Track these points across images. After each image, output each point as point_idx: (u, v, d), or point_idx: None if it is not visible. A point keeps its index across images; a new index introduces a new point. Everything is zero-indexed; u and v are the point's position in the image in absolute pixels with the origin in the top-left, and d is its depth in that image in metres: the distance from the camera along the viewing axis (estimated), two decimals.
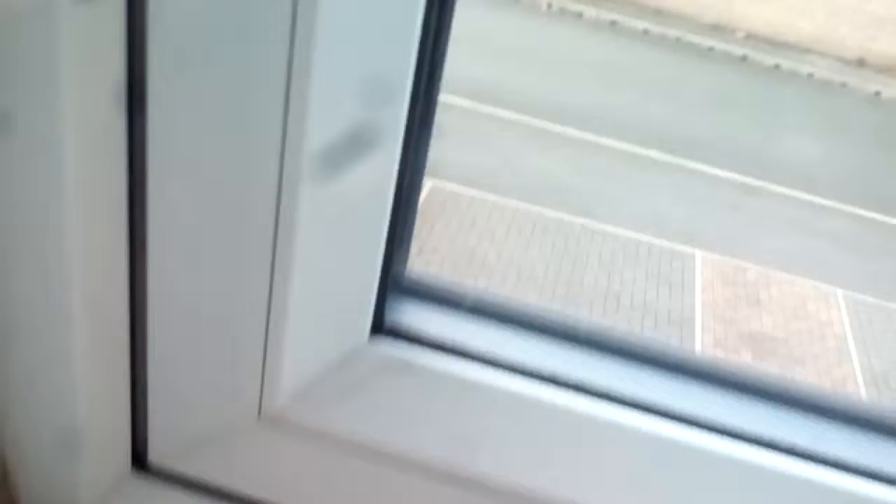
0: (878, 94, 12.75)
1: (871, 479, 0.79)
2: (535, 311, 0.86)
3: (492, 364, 0.82)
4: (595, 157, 9.69)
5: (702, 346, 7.59)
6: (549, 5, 13.03)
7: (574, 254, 8.38)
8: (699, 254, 8.65)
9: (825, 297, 8.52)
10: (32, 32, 0.53)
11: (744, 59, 12.91)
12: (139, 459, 0.79)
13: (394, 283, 0.81)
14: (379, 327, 0.82)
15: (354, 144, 0.66)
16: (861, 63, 13.15)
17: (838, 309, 8.40)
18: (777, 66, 12.85)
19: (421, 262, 7.74)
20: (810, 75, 12.86)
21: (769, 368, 7.23)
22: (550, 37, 12.28)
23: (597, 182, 9.34)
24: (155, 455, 0.79)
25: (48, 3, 0.52)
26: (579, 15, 12.99)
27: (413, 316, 0.84)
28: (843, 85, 12.79)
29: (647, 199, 9.28)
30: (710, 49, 12.97)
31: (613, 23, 12.99)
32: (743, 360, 7.17)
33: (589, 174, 9.42)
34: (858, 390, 7.44)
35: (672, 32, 13.03)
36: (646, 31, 13.01)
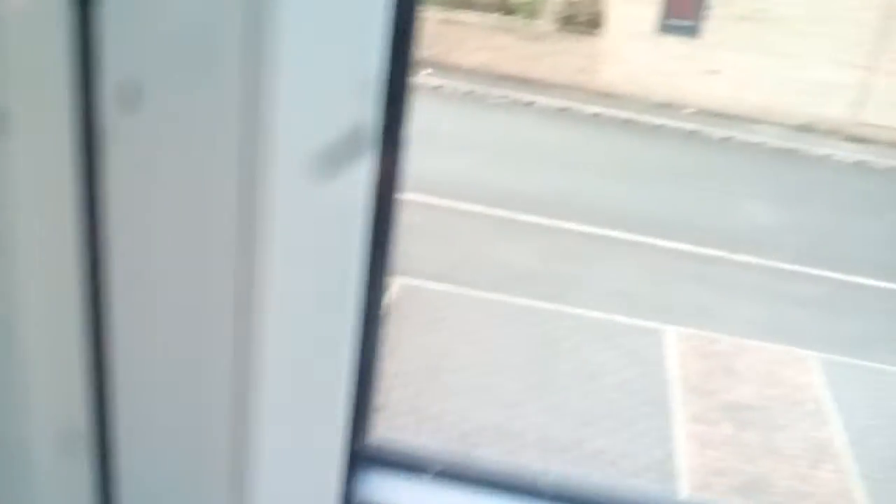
0: (828, 156, 13.05)
1: None
2: (500, 470, 0.87)
3: None
4: (558, 241, 9.80)
5: (683, 420, 7.59)
6: (502, 96, 13.31)
7: (547, 339, 8.40)
8: (670, 329, 8.69)
9: (799, 361, 8.57)
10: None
11: (693, 133, 13.20)
12: None
13: (358, 455, 0.81)
14: None
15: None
16: (808, 128, 13.49)
17: (813, 372, 8.44)
18: (727, 138, 13.14)
19: (394, 361, 7.73)
20: (760, 144, 13.15)
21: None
22: (504, 127, 12.52)
23: (561, 266, 9.43)
24: None
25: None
26: (530, 104, 13.27)
27: (380, 489, 0.84)
28: (793, 151, 13.08)
29: (613, 279, 9.36)
30: (661, 127, 13.26)
31: (564, 109, 13.27)
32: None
33: (553, 259, 9.51)
34: (842, 451, 7.44)
35: (622, 114, 13.32)
36: (596, 115, 13.30)
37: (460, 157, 11.01)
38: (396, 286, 8.76)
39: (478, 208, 10.12)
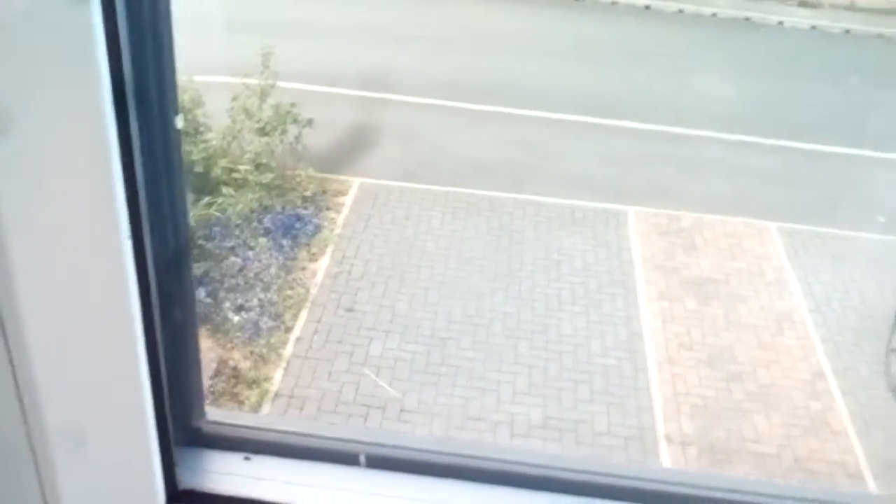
0: (781, 23, 12.96)
1: None
2: (330, 439, 0.88)
3: None
4: (519, 129, 9.74)
5: (647, 298, 7.71)
6: None
7: (509, 229, 8.44)
8: (631, 210, 8.76)
9: (759, 232, 8.67)
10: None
11: (647, 8, 13.03)
12: None
13: (184, 438, 0.80)
14: (174, 492, 0.81)
15: None
16: None
17: (773, 242, 8.56)
18: (681, 11, 12.99)
19: (359, 263, 7.77)
20: (714, 15, 13.02)
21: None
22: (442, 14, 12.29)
23: (523, 156, 9.40)
24: None
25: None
26: None
27: (207, 473, 0.83)
28: (747, 20, 12.98)
29: (573, 164, 9.36)
30: (613, 3, 13.07)
31: None
32: None
33: (513, 148, 9.47)
34: (804, 318, 7.61)
35: None
36: None
37: (404, 49, 10.82)
38: (356, 187, 8.72)
39: (432, 102, 10.00)
